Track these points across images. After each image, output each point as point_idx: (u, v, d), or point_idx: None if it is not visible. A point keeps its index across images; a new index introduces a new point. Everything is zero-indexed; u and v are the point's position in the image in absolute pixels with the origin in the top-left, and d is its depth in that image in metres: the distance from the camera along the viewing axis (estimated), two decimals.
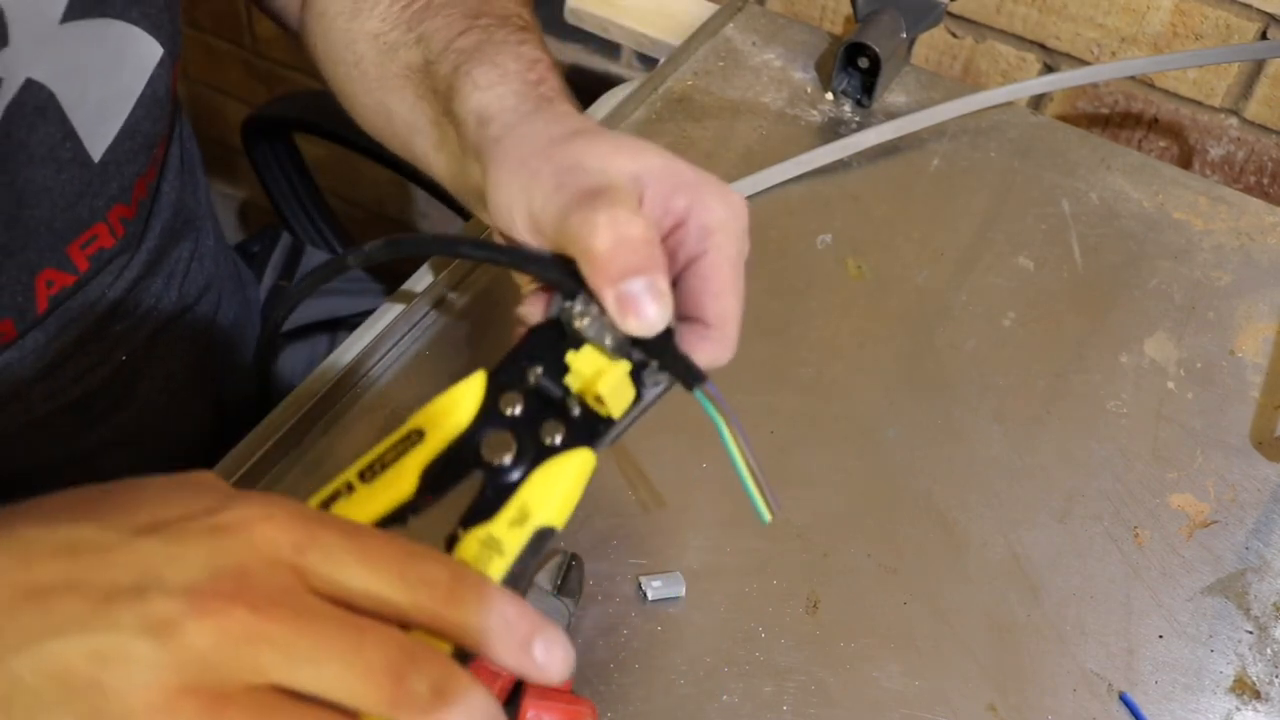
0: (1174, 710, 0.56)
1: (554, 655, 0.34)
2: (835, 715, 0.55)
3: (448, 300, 0.69)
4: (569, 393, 0.42)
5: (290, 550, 0.32)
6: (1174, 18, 0.90)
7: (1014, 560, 0.61)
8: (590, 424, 0.42)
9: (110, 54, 0.58)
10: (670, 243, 0.45)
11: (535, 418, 0.41)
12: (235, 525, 0.32)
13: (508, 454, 0.40)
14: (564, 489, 0.40)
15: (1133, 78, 0.95)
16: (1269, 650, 0.59)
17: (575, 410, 0.42)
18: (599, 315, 0.43)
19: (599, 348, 0.42)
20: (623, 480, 0.61)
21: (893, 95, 0.85)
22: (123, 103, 0.61)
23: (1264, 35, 0.89)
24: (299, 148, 1.05)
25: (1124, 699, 0.56)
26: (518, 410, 0.41)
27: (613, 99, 0.82)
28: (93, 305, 0.64)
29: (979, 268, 0.74)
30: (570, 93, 0.52)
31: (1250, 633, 0.60)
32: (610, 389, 0.41)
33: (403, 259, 0.51)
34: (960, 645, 0.58)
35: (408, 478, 0.39)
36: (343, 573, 0.33)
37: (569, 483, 0.40)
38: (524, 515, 0.39)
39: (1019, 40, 0.97)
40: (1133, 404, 0.68)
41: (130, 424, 0.70)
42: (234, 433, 0.61)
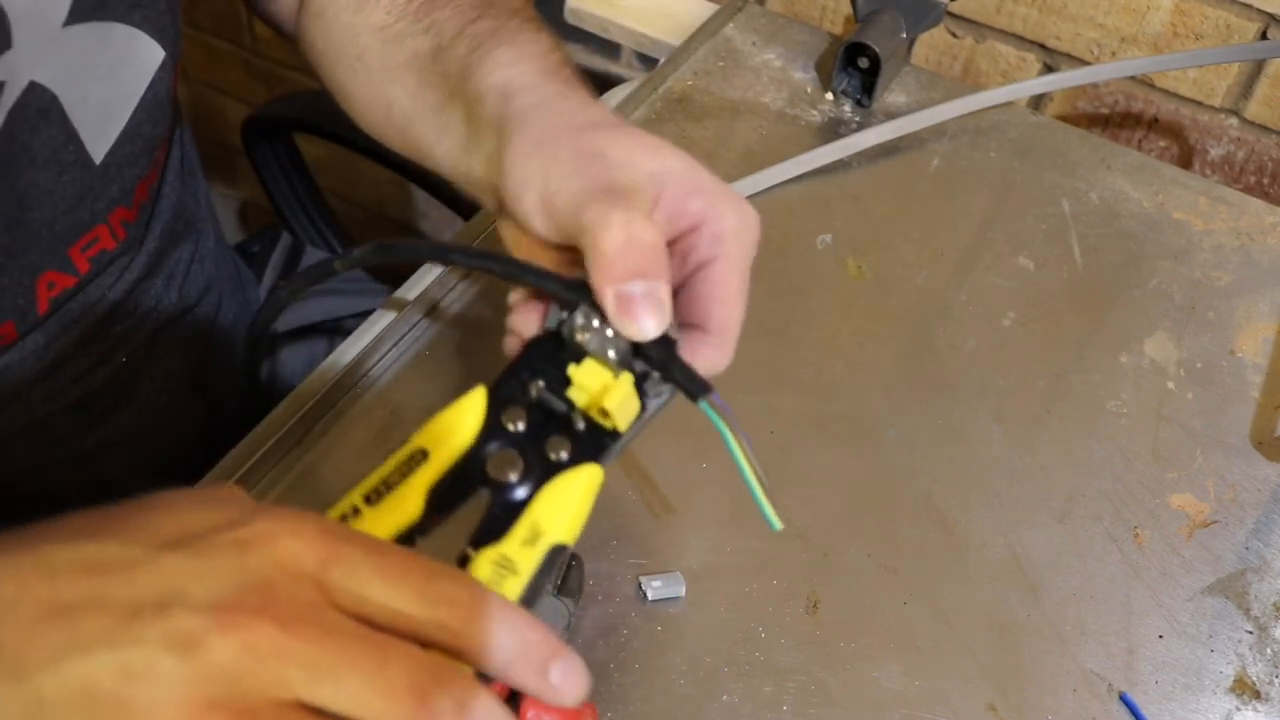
0: (1174, 710, 0.56)
1: (570, 679, 0.34)
2: (835, 715, 0.55)
3: (447, 300, 0.69)
4: (572, 406, 0.42)
5: (314, 565, 0.32)
6: (1174, 18, 0.90)
7: (1014, 560, 0.61)
8: (595, 438, 0.42)
9: (113, 57, 0.58)
10: (681, 246, 0.45)
11: (539, 433, 0.41)
12: (259, 540, 0.32)
13: (514, 471, 0.40)
14: (574, 506, 0.40)
15: (1133, 78, 0.95)
16: (1269, 650, 0.59)
17: (580, 424, 0.42)
18: (601, 328, 0.42)
19: (601, 360, 0.42)
20: (623, 481, 0.61)
21: (893, 95, 0.85)
22: (124, 105, 0.61)
23: (1264, 35, 0.89)
24: (299, 148, 1.05)
25: (1124, 699, 0.56)
26: (521, 426, 0.41)
27: (613, 99, 0.82)
28: (93, 307, 0.64)
29: (979, 268, 0.74)
30: (587, 82, 0.52)
31: (1250, 633, 0.60)
32: (617, 402, 0.41)
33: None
34: (960, 645, 0.58)
35: (414, 499, 0.39)
36: (365, 589, 0.33)
37: (579, 499, 0.40)
38: (536, 534, 0.39)
39: (1019, 40, 0.97)
40: (1133, 404, 0.68)
41: (130, 424, 0.70)
42: (234, 433, 0.61)
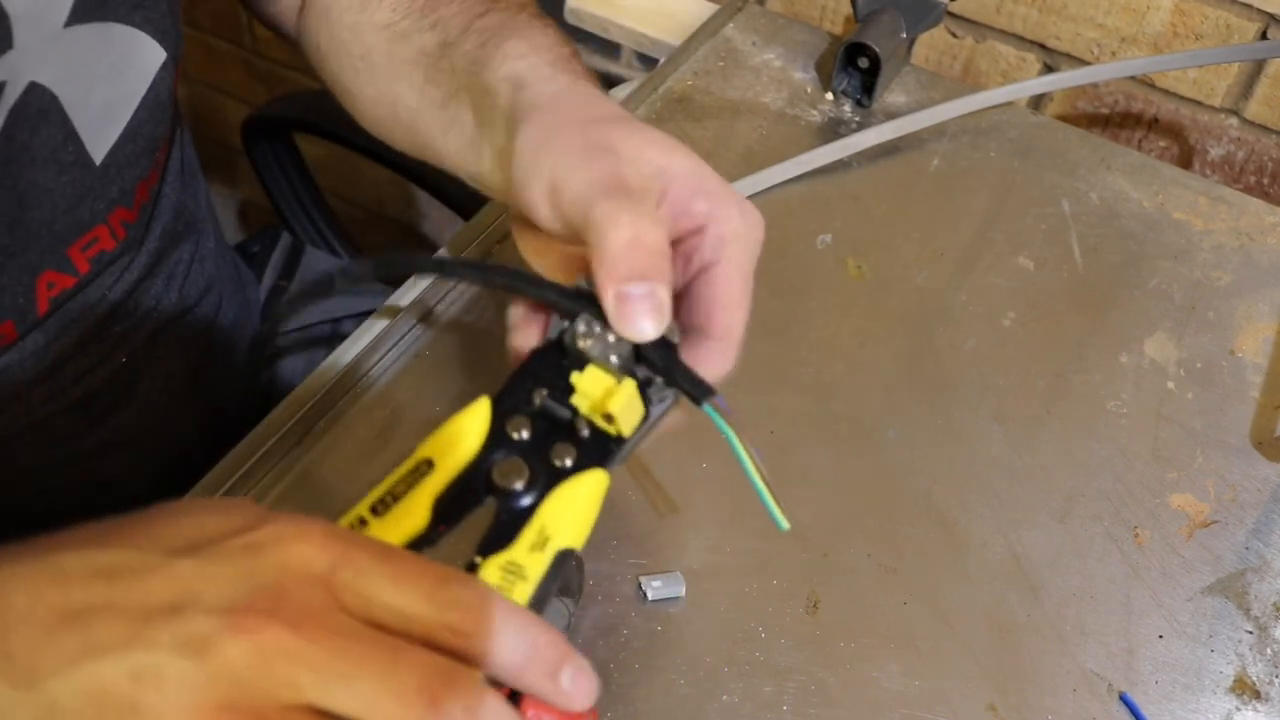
0: (1174, 710, 0.56)
1: (581, 684, 0.34)
2: (835, 715, 0.55)
3: (447, 300, 0.69)
4: (576, 413, 0.42)
5: (325, 568, 0.32)
6: (1174, 18, 0.90)
7: (1014, 560, 0.61)
8: (600, 444, 0.42)
9: (114, 57, 0.58)
10: (685, 248, 0.45)
11: (544, 441, 0.41)
12: (270, 544, 0.33)
13: (520, 479, 0.40)
14: (581, 511, 0.40)
15: (1133, 78, 0.95)
16: (1269, 650, 0.59)
17: (584, 431, 0.42)
18: (602, 334, 0.42)
19: (604, 366, 0.42)
20: (623, 480, 0.61)
21: (893, 95, 0.85)
22: (125, 106, 0.61)
23: (1264, 35, 0.89)
24: (299, 148, 1.05)
25: (1124, 699, 0.56)
26: (526, 434, 0.41)
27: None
28: (93, 307, 0.64)
29: (979, 268, 0.74)
30: (595, 77, 0.53)
31: (1250, 633, 0.60)
32: (621, 407, 0.41)
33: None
34: (960, 645, 0.58)
35: (420, 509, 0.39)
36: (376, 593, 0.33)
37: (585, 504, 0.40)
38: (543, 539, 0.39)
39: (1019, 40, 0.97)
40: (1133, 404, 0.68)
41: (130, 425, 0.70)
42: (234, 433, 0.61)
